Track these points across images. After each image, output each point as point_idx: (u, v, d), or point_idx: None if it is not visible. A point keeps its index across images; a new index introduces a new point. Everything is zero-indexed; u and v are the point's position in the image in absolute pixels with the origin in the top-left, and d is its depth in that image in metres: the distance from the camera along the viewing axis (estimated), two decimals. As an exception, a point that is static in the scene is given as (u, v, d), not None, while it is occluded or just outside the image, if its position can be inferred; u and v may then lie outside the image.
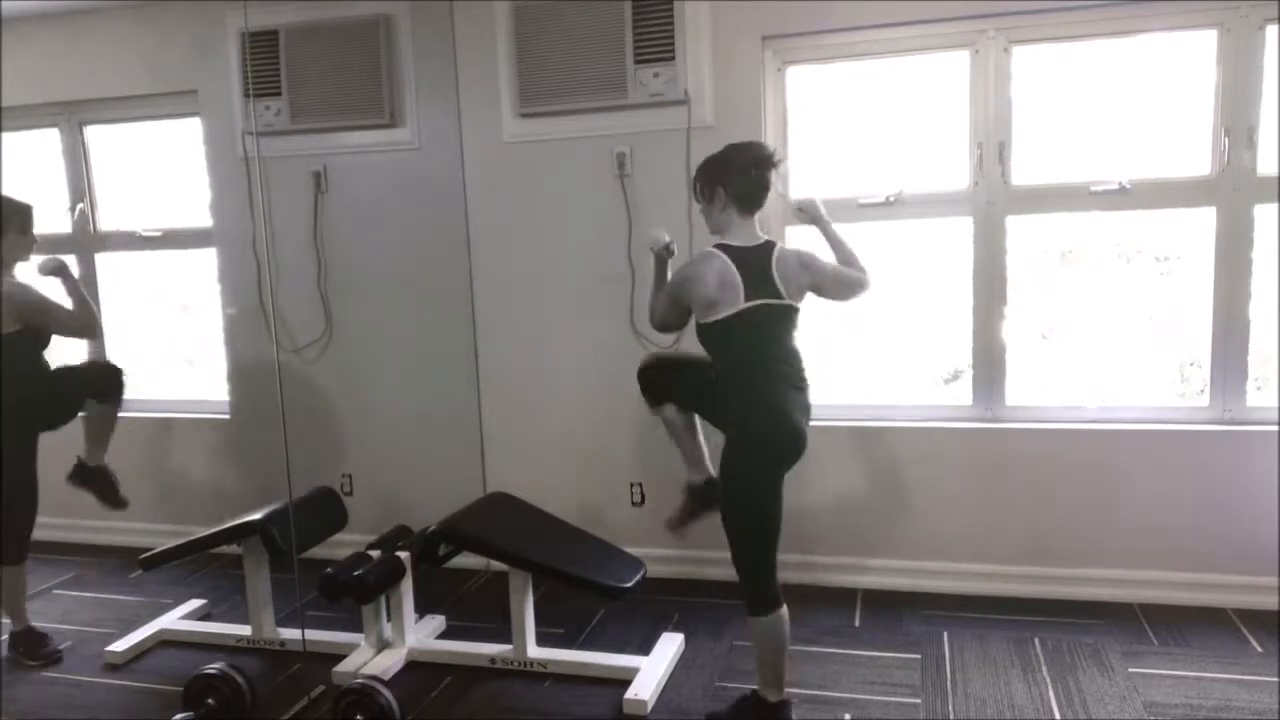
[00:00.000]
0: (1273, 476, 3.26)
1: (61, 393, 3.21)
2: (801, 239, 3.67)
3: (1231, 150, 3.25)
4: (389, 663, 3.12)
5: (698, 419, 2.86)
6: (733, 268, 2.54)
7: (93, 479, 3.27)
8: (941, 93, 3.48)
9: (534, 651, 3.12)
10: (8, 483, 3.02)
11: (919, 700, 2.84)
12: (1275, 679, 2.86)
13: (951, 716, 2.75)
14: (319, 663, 3.14)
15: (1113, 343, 3.67)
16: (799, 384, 2.62)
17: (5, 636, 3.21)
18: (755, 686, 2.70)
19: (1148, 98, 3.36)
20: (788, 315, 2.63)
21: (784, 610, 2.61)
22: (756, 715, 2.68)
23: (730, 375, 2.60)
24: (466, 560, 3.43)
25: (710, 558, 3.77)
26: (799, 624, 3.34)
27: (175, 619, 3.47)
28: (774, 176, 2.62)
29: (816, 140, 3.64)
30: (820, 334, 3.78)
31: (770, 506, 2.56)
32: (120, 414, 3.34)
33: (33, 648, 3.22)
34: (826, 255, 2.85)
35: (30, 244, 3.06)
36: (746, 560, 2.60)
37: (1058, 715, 2.73)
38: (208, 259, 3.79)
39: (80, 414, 3.24)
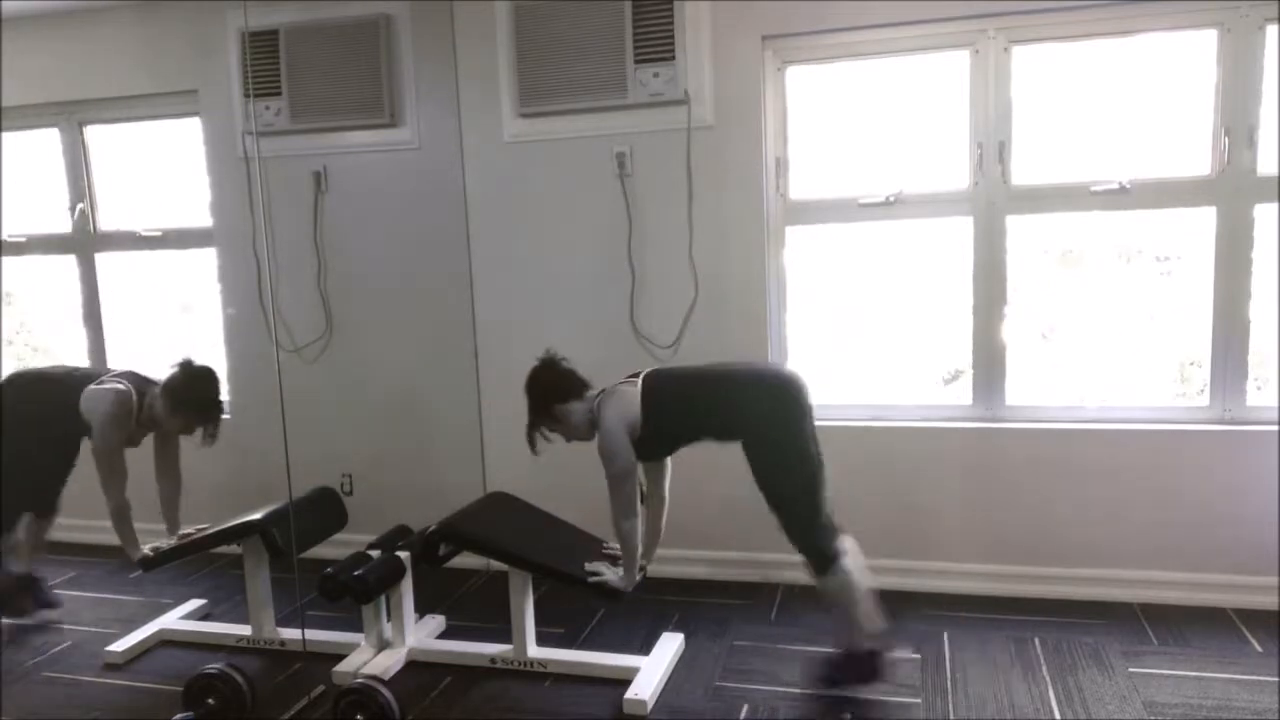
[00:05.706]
0: (1273, 476, 3.26)
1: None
2: (801, 239, 3.68)
3: (1231, 150, 3.25)
4: (389, 663, 3.12)
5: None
6: (628, 389, 2.85)
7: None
8: (941, 93, 3.48)
9: (534, 651, 3.12)
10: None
11: (919, 700, 2.84)
12: (1275, 679, 2.86)
13: (951, 716, 2.75)
14: (319, 663, 3.14)
15: (1113, 343, 3.67)
16: None
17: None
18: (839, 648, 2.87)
19: (1148, 98, 3.36)
20: None
21: (847, 560, 2.77)
22: (855, 669, 2.85)
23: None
24: (466, 560, 3.43)
25: (711, 558, 3.79)
26: (799, 624, 3.36)
27: (175, 619, 3.47)
28: None
29: (816, 140, 3.63)
30: (821, 334, 3.80)
31: (814, 457, 2.72)
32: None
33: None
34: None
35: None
36: (801, 521, 2.74)
37: (1058, 715, 2.73)
38: (208, 259, 3.79)
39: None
